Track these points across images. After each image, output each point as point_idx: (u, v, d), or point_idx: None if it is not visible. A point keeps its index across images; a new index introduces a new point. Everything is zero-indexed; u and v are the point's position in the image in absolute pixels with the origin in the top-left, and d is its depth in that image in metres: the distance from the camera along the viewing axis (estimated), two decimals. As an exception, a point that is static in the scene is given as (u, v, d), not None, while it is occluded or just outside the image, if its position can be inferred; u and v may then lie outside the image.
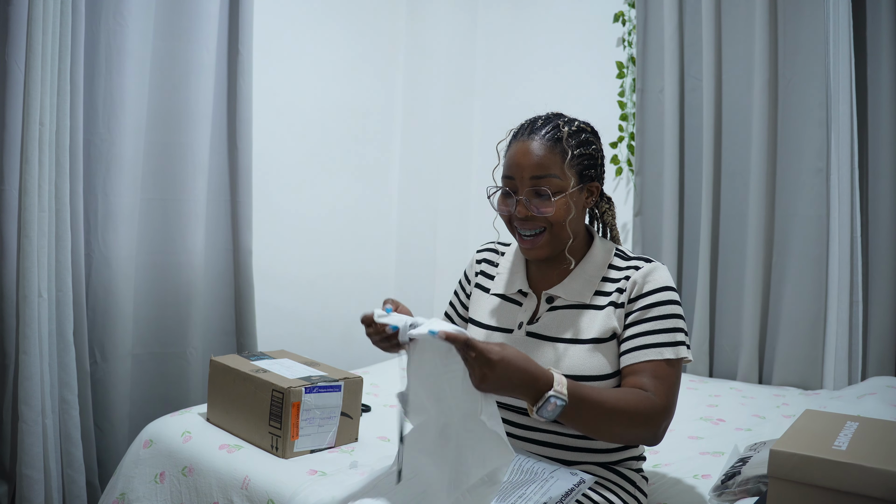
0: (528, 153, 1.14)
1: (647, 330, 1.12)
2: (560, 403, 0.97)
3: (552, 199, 1.13)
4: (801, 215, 2.25)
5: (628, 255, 1.22)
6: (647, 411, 1.05)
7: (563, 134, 1.16)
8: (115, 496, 1.56)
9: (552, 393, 0.97)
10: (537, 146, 1.14)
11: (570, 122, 1.19)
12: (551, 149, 1.14)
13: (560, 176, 1.14)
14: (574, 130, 1.17)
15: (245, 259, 2.35)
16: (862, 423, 1.01)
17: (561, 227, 1.15)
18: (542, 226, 1.15)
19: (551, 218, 1.13)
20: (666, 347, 1.11)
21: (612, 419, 1.03)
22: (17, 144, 1.82)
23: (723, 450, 1.55)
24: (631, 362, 1.12)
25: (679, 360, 1.12)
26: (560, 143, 1.15)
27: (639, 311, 1.14)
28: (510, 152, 1.18)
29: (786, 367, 2.27)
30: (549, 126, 1.17)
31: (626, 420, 1.04)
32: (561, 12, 2.98)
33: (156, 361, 2.22)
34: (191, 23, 2.18)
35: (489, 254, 1.34)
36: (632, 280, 1.16)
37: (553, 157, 1.14)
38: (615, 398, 1.04)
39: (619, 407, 1.03)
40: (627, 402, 1.05)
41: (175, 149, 2.20)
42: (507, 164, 1.18)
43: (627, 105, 2.72)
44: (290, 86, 2.72)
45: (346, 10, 2.93)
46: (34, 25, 1.74)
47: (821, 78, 2.19)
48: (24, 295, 1.76)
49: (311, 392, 1.45)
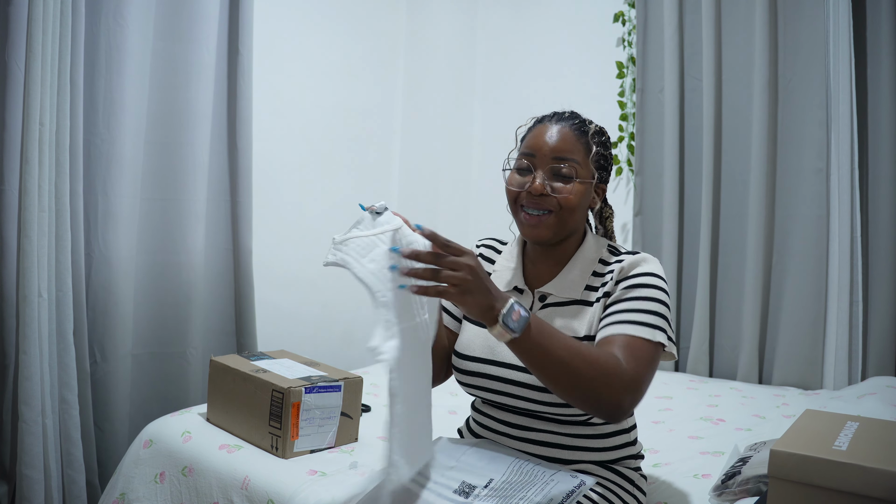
0: (554, 135, 1.16)
1: (627, 308, 1.09)
2: (524, 314, 0.96)
3: (574, 181, 1.14)
4: (801, 215, 2.25)
5: (620, 250, 1.21)
6: (612, 370, 1.00)
7: (589, 129, 1.19)
8: (115, 496, 1.56)
9: (514, 301, 0.97)
10: (565, 131, 1.16)
11: (593, 122, 1.22)
12: (578, 138, 1.16)
13: (582, 164, 1.15)
14: (598, 130, 1.20)
15: (245, 259, 2.36)
16: (862, 423, 1.01)
17: (570, 213, 1.14)
18: (551, 208, 1.14)
19: (563, 201, 1.13)
20: (643, 327, 1.07)
21: (573, 362, 0.98)
22: (17, 144, 1.82)
23: (723, 450, 1.55)
24: (605, 335, 1.08)
25: (656, 345, 1.06)
26: (586, 136, 1.17)
27: (621, 291, 1.12)
28: (534, 132, 1.19)
29: (786, 367, 2.27)
30: (574, 119, 1.19)
31: (587, 369, 0.98)
32: (561, 12, 2.98)
33: (156, 361, 2.22)
34: (191, 23, 2.18)
35: (487, 250, 1.33)
36: (619, 267, 1.14)
37: (578, 146, 1.16)
38: (581, 344, 1.01)
39: (582, 353, 0.99)
40: (591, 353, 1.00)
41: (175, 149, 2.20)
42: (530, 142, 1.18)
43: (627, 105, 2.72)
44: (290, 86, 2.72)
45: (346, 11, 2.93)
46: (34, 25, 1.74)
47: (821, 78, 2.19)
48: (24, 295, 1.77)
49: (311, 392, 1.45)
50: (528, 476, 1.07)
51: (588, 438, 1.16)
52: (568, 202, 1.13)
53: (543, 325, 0.99)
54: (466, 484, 1.06)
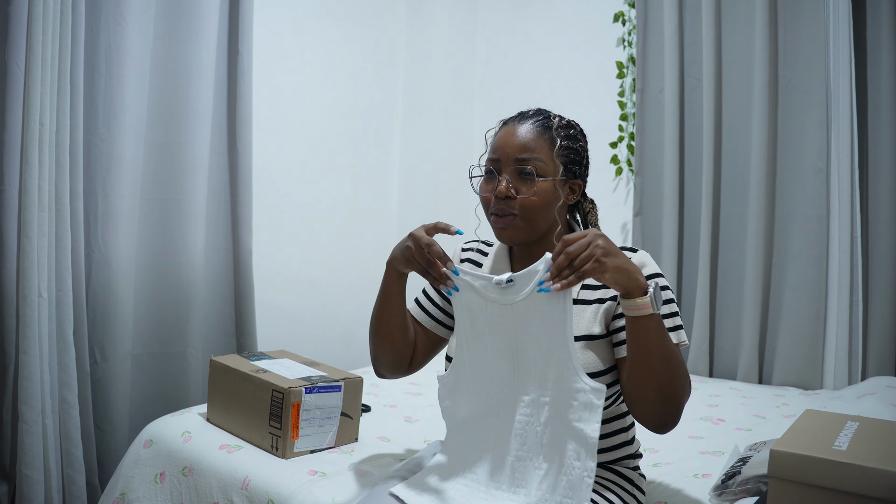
0: (515, 135, 1.15)
1: None
2: (655, 294, 0.99)
3: (535, 181, 1.12)
4: (801, 215, 2.25)
5: None
6: (688, 376, 1.06)
7: (552, 123, 1.17)
8: (115, 496, 1.56)
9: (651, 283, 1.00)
10: (525, 130, 1.15)
11: (559, 117, 1.20)
12: (540, 134, 1.15)
13: (545, 161, 1.14)
14: (564, 124, 1.19)
15: (245, 259, 2.35)
16: (862, 423, 1.01)
17: (536, 213, 1.13)
18: (515, 211, 1.13)
19: (526, 202, 1.12)
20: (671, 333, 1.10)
21: (675, 356, 1.02)
22: (17, 144, 1.82)
23: (723, 450, 1.55)
24: None
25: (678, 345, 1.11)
26: (549, 131, 1.16)
27: None
28: (499, 135, 1.18)
29: (786, 367, 2.27)
30: (539, 115, 1.18)
31: (681, 367, 1.03)
32: (561, 12, 2.98)
33: (156, 361, 2.22)
34: (191, 23, 2.18)
35: (474, 253, 1.31)
36: None
37: (541, 142, 1.14)
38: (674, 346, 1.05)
39: (678, 356, 1.04)
40: (678, 355, 1.05)
41: (175, 149, 2.20)
42: (494, 146, 1.17)
43: (627, 105, 2.72)
44: (290, 86, 2.72)
45: (346, 11, 2.93)
46: (34, 25, 1.74)
47: (821, 78, 2.19)
48: (24, 295, 1.77)
49: (311, 392, 1.45)
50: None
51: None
52: (531, 203, 1.12)
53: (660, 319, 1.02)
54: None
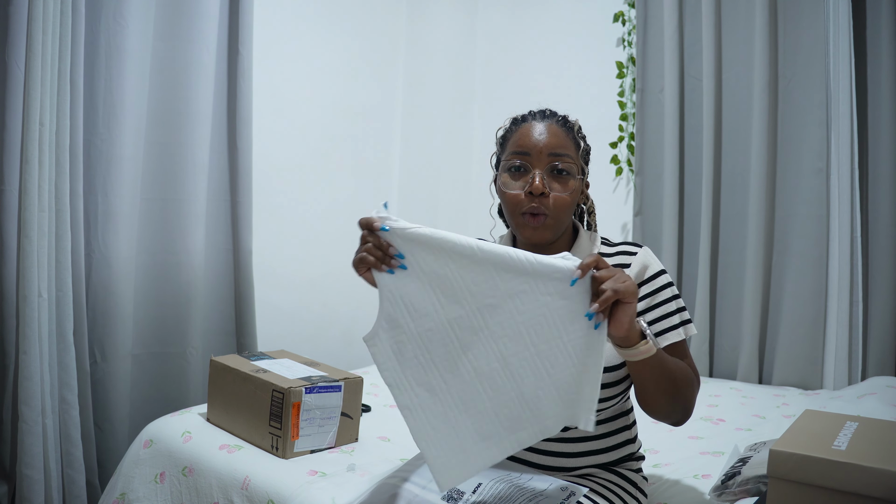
0: (545, 132, 1.13)
1: (659, 316, 1.13)
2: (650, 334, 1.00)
3: (569, 179, 1.12)
4: (801, 215, 2.25)
5: (612, 241, 1.22)
6: (693, 377, 1.09)
7: (573, 125, 1.18)
8: (115, 496, 1.56)
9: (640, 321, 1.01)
10: (555, 128, 1.14)
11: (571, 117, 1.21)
12: (566, 134, 1.15)
13: (574, 160, 1.14)
14: (578, 125, 1.20)
15: (245, 259, 2.35)
16: (862, 423, 1.01)
17: (566, 212, 1.12)
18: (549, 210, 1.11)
19: (559, 200, 1.10)
20: (679, 329, 1.13)
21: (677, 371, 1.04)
22: (17, 144, 1.82)
23: (723, 450, 1.55)
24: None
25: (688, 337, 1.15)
26: (573, 132, 1.16)
27: (647, 299, 1.13)
28: (522, 131, 1.15)
29: (786, 367, 2.27)
30: (557, 115, 1.18)
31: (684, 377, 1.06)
32: (561, 12, 2.98)
33: (156, 361, 2.22)
34: (191, 23, 2.18)
35: None
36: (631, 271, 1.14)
37: (568, 142, 1.14)
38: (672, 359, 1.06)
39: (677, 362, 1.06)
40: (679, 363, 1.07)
41: (175, 149, 2.20)
42: (521, 141, 1.14)
43: (627, 105, 2.72)
44: (290, 86, 2.72)
45: (346, 11, 2.93)
46: (34, 25, 1.74)
47: (821, 78, 2.19)
48: (24, 295, 1.76)
49: (311, 392, 1.45)
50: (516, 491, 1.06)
51: (589, 440, 1.16)
52: (563, 202, 1.11)
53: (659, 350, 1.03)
54: (455, 490, 1.05)
